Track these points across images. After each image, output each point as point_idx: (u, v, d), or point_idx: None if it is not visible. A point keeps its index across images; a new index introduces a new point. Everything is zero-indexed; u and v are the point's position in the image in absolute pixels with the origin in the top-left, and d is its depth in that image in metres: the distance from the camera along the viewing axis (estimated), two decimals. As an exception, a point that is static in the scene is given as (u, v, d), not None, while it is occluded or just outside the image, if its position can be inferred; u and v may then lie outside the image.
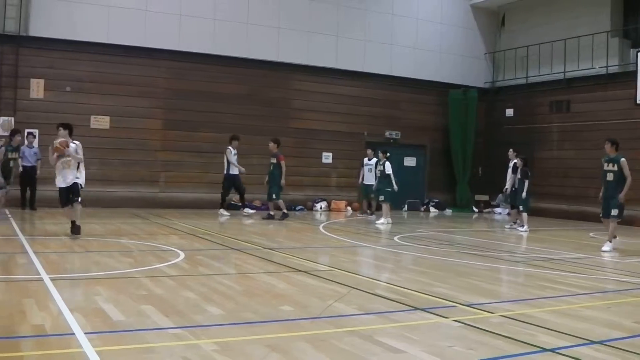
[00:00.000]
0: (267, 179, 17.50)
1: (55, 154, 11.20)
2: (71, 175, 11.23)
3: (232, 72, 20.67)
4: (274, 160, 17.49)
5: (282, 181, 17.27)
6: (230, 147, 17.93)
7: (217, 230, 14.02)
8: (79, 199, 11.29)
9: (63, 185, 11.28)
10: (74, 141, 11.32)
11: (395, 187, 17.40)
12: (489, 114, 25.41)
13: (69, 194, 11.28)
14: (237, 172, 17.97)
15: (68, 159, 11.18)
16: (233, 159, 17.86)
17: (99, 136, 18.81)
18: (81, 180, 11.35)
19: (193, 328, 5.33)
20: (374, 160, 18.63)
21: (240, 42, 20.68)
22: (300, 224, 16.58)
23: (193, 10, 20.04)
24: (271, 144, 17.63)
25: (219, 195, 18.14)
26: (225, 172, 17.96)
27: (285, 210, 17.48)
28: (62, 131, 11.30)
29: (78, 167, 11.35)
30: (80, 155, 11.32)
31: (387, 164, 17.41)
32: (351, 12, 22.62)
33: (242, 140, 18.36)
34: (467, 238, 14.85)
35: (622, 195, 12.14)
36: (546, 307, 6.74)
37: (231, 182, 18.03)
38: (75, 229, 11.25)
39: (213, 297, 6.68)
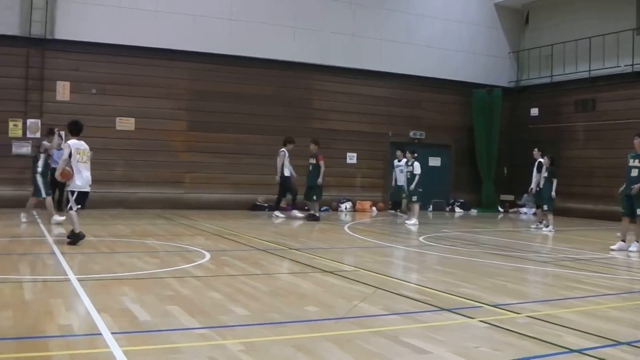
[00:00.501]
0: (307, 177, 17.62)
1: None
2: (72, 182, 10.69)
3: (254, 73, 20.72)
4: (313, 161, 17.62)
5: (320, 180, 17.36)
6: (284, 150, 17.75)
7: (242, 231, 14.05)
8: (68, 207, 10.59)
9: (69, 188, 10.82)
10: (64, 142, 10.51)
11: (413, 186, 17.26)
12: (514, 113, 25.23)
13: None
14: (289, 174, 17.80)
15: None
16: (287, 162, 17.69)
17: (124, 137, 19.02)
18: (72, 186, 10.64)
19: (219, 328, 5.36)
20: (404, 161, 18.58)
21: (260, 42, 20.69)
22: (325, 225, 16.58)
23: (213, 12, 20.11)
24: (312, 145, 17.81)
25: (243, 196, 18.06)
26: (278, 175, 17.69)
27: (317, 214, 17.54)
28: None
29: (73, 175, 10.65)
30: (65, 157, 10.55)
31: (416, 164, 17.33)
32: (373, 12, 22.55)
33: (264, 141, 18.33)
34: (492, 238, 14.76)
35: (636, 187, 11.91)
36: (572, 307, 6.69)
37: (288, 184, 17.85)
38: (70, 236, 10.62)
39: (239, 297, 6.70)
